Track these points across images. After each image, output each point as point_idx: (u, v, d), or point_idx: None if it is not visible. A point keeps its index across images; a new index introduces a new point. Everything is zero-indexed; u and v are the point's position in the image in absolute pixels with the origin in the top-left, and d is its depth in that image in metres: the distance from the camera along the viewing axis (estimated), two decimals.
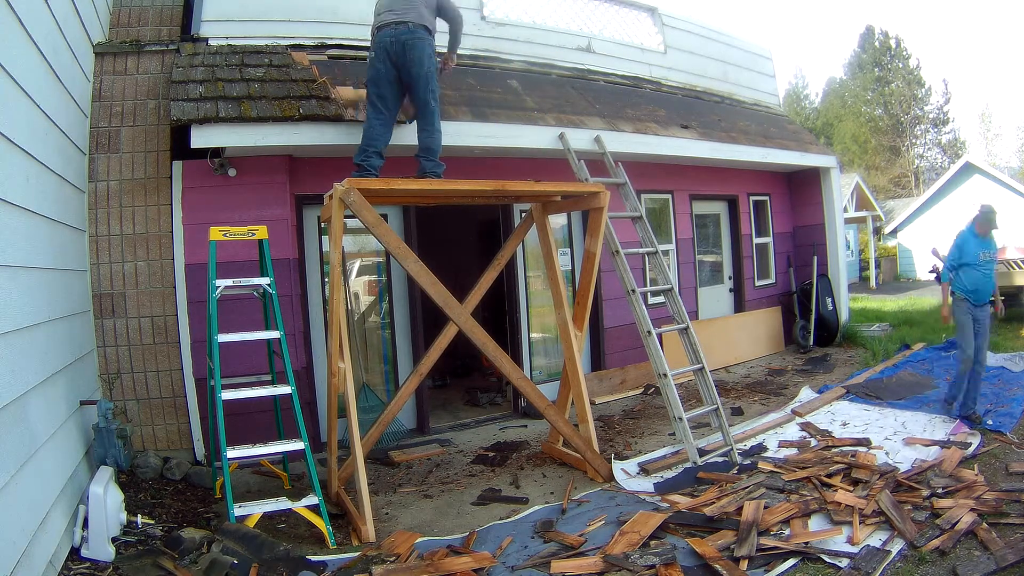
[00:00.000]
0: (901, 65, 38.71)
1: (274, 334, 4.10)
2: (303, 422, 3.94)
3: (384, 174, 4.68)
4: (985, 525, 3.30)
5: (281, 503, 3.81)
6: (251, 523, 3.61)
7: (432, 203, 5.07)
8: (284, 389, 3.96)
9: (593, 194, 4.75)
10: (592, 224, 4.84)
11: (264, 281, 4.14)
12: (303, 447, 3.85)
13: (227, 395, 3.78)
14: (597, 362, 7.10)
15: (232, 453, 3.69)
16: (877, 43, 39.34)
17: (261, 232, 4.17)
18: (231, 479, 3.69)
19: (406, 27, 4.46)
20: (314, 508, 3.80)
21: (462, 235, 8.51)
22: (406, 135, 5.12)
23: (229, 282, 4.01)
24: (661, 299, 5.70)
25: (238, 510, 3.60)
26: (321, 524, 3.76)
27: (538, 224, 5.05)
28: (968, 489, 3.76)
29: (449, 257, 7.60)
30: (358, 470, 3.85)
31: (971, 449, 4.51)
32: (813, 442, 4.86)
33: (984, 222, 5.45)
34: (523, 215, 5.72)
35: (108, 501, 3.41)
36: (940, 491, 3.77)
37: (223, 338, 3.89)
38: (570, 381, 4.96)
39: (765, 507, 3.61)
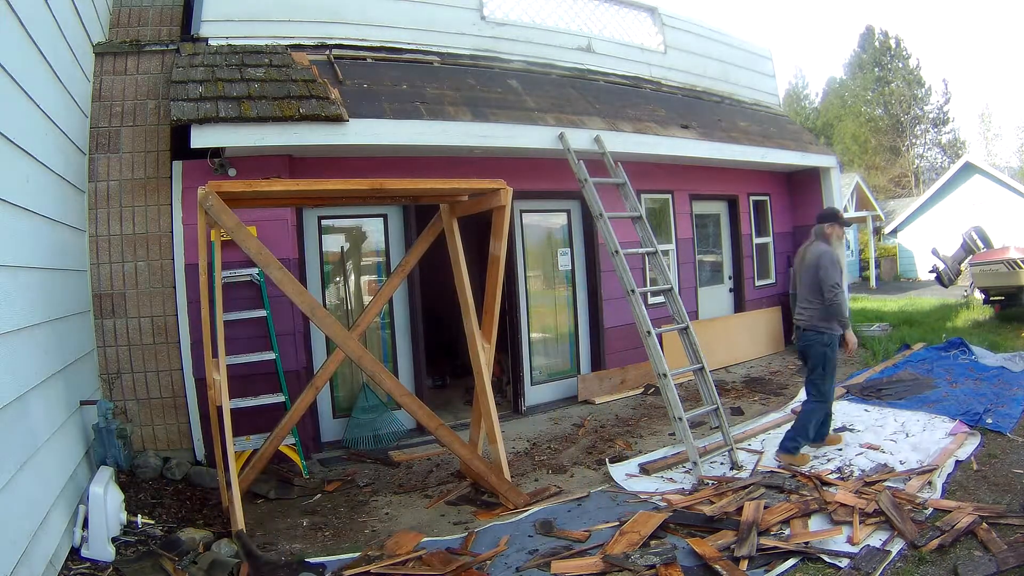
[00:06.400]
0: (901, 65, 38.70)
1: (261, 312, 5.00)
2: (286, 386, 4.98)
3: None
4: (985, 525, 3.30)
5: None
6: (240, 460, 4.22)
7: (311, 205, 5.04)
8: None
9: (493, 192, 4.28)
10: (496, 225, 4.40)
11: (253, 271, 4.99)
12: (283, 400, 4.91)
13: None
14: (597, 362, 7.10)
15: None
16: (877, 43, 39.33)
17: (251, 230, 4.96)
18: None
19: None
20: (291, 446, 4.92)
21: (463, 234, 8.48)
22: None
23: (226, 273, 4.61)
24: (661, 299, 5.70)
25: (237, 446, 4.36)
26: (297, 459, 4.87)
27: (446, 227, 4.64)
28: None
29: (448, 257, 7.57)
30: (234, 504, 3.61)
31: (970, 449, 4.51)
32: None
33: None
34: (515, 214, 5.69)
35: (108, 501, 3.42)
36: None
37: (225, 317, 4.42)
38: (479, 398, 4.56)
39: (765, 507, 3.61)
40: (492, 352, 4.57)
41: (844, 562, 3.07)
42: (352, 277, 6.14)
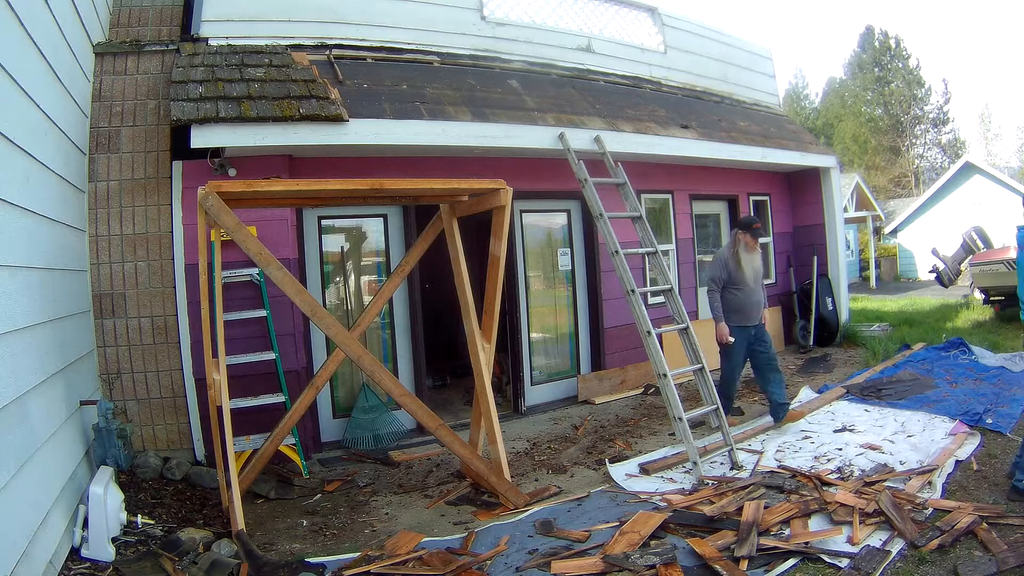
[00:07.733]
0: (901, 65, 38.71)
1: (261, 312, 5.02)
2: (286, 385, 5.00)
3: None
4: (985, 525, 3.30)
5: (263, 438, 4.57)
6: (240, 461, 4.15)
7: (311, 205, 4.97)
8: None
9: (493, 192, 4.25)
10: (496, 225, 4.39)
11: (253, 271, 5.02)
12: (283, 400, 4.91)
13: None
14: (597, 362, 7.10)
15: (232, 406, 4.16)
16: (877, 43, 39.34)
17: (251, 230, 4.95)
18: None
19: None
20: (291, 446, 4.93)
21: (463, 234, 8.48)
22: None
23: (226, 273, 4.66)
24: (661, 299, 5.70)
25: (237, 446, 4.34)
26: (296, 459, 4.89)
27: (446, 227, 4.62)
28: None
29: (447, 256, 7.57)
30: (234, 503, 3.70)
31: (970, 449, 4.51)
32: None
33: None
34: (515, 214, 5.67)
35: (108, 501, 3.42)
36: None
37: (225, 317, 4.46)
38: (479, 398, 4.55)
39: (765, 507, 3.61)
40: (492, 352, 4.56)
41: (844, 562, 3.07)
42: (352, 277, 6.14)
